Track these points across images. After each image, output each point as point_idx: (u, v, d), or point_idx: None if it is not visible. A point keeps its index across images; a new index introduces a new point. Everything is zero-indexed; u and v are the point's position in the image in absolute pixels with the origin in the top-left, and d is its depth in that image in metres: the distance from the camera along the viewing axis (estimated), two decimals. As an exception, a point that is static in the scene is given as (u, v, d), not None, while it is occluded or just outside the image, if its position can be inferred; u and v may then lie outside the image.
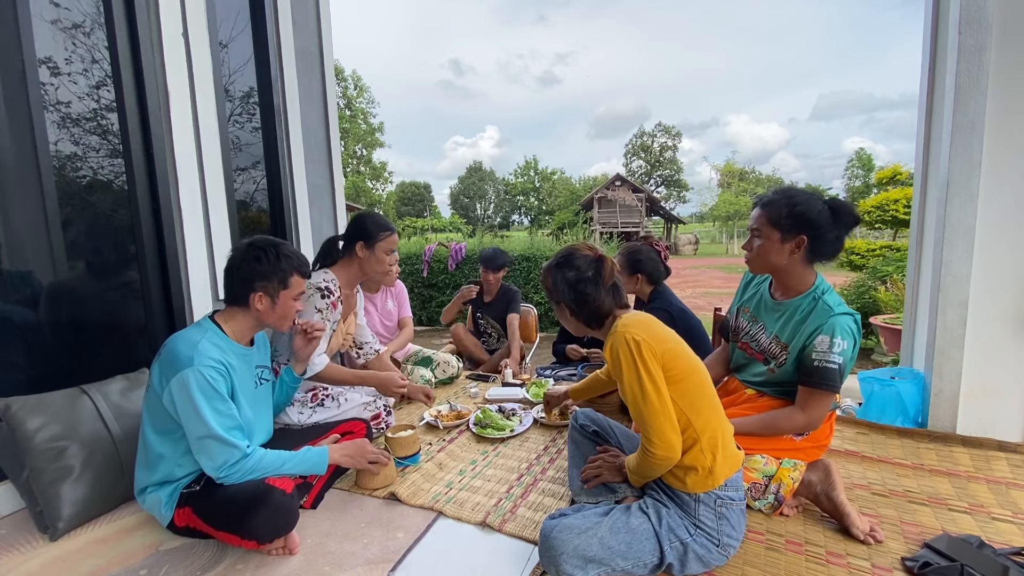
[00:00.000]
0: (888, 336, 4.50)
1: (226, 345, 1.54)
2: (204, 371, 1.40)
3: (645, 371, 1.26)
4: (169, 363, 1.43)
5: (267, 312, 1.57)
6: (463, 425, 2.36)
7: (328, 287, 2.03)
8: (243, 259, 1.54)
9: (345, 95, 33.38)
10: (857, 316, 1.56)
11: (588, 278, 1.39)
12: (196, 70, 2.31)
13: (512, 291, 3.43)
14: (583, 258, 1.42)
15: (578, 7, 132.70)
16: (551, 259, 1.48)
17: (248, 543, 1.40)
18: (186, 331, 1.52)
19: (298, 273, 1.60)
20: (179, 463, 1.49)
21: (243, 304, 1.56)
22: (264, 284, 1.54)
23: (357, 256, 2.13)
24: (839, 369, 1.50)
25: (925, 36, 2.37)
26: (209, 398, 1.40)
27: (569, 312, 1.45)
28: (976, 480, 1.80)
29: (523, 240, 9.03)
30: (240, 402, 1.53)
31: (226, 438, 1.39)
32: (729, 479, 1.31)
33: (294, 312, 1.63)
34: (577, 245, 1.48)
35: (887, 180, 8.43)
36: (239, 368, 1.55)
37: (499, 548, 1.48)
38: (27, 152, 1.86)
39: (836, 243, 1.57)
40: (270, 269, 1.54)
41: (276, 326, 1.64)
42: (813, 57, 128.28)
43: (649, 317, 1.38)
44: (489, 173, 55.29)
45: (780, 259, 1.60)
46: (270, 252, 1.54)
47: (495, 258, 3.32)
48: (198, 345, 1.44)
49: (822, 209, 1.55)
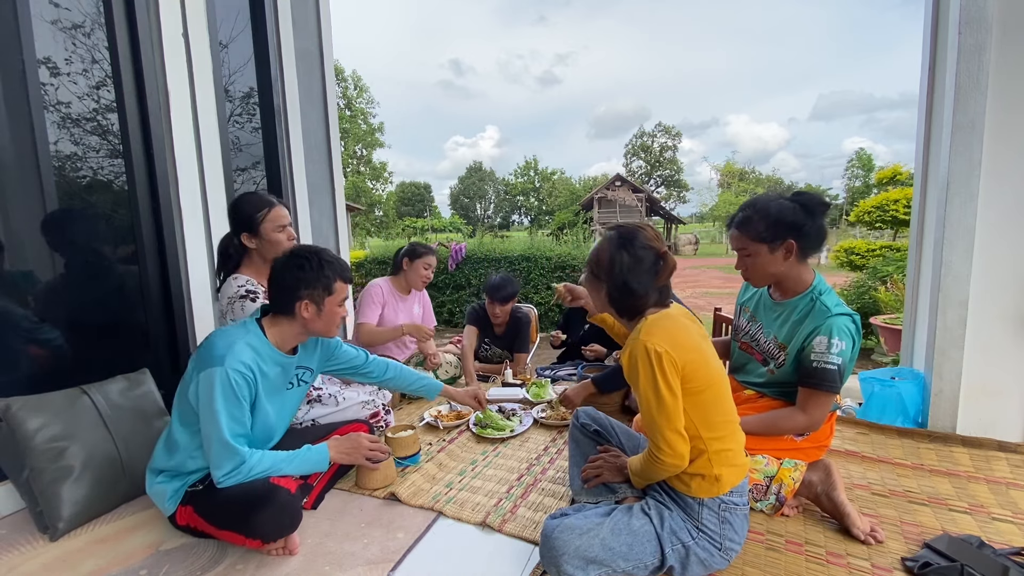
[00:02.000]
0: (888, 336, 4.50)
1: (265, 350, 1.53)
2: (231, 373, 1.41)
3: (664, 383, 1.21)
4: (204, 356, 1.45)
5: (313, 319, 1.55)
6: (463, 425, 2.36)
7: (248, 288, 1.89)
8: (285, 268, 1.53)
9: (345, 95, 33.36)
10: (856, 316, 1.56)
11: (644, 271, 1.30)
12: (196, 70, 2.31)
13: (522, 322, 3.13)
14: (647, 250, 1.31)
15: (578, 7, 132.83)
16: (612, 232, 1.36)
17: (251, 542, 1.40)
18: (229, 328, 1.54)
19: (341, 278, 1.59)
20: (192, 455, 1.50)
21: (289, 313, 1.55)
22: (309, 292, 1.53)
23: (249, 248, 1.95)
24: (838, 370, 1.50)
25: (925, 36, 2.37)
26: (228, 401, 1.40)
27: (606, 295, 1.36)
28: (976, 480, 1.80)
29: (523, 240, 9.04)
30: (263, 407, 1.54)
31: (230, 443, 1.39)
32: (735, 486, 1.30)
33: (339, 318, 1.62)
34: (644, 229, 1.35)
35: (887, 180, 8.43)
36: (271, 375, 1.55)
37: (499, 548, 1.48)
38: (27, 152, 1.86)
39: (819, 234, 1.58)
40: (314, 276, 1.53)
41: (323, 333, 1.63)
42: (813, 57, 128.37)
43: (676, 320, 1.31)
44: (489, 173, 55.30)
45: (777, 268, 1.60)
46: (312, 260, 1.54)
47: (502, 288, 2.96)
48: (234, 346, 1.45)
49: (795, 207, 1.56)
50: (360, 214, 32.05)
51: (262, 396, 1.52)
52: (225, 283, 1.93)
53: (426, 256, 2.91)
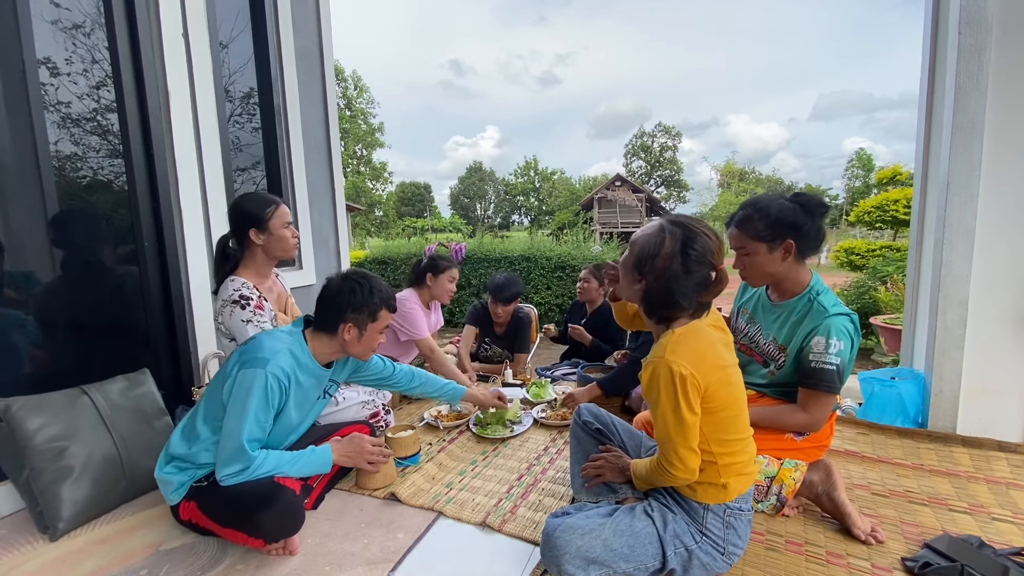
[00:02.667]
0: (888, 336, 4.50)
1: (305, 360, 1.58)
2: (270, 378, 1.44)
3: (685, 405, 1.17)
4: (249, 355, 1.48)
5: (353, 343, 1.61)
6: (463, 425, 2.36)
7: (242, 294, 1.90)
8: (339, 291, 1.59)
9: (345, 95, 33.37)
10: (854, 316, 1.56)
11: (694, 283, 1.20)
12: (196, 70, 2.31)
13: (523, 322, 3.15)
14: (704, 264, 1.20)
15: (578, 8, 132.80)
16: (674, 225, 1.23)
17: (254, 541, 1.40)
18: (277, 331, 1.60)
19: (386, 307, 1.65)
20: (208, 448, 1.51)
21: (331, 331, 1.60)
22: (355, 316, 1.58)
23: (254, 244, 1.97)
24: (837, 370, 1.50)
25: (925, 36, 2.37)
26: (259, 404, 1.43)
27: (643, 292, 1.26)
28: (976, 480, 1.80)
29: (523, 240, 9.03)
30: (288, 413, 1.57)
31: (244, 447, 1.41)
32: (741, 494, 1.29)
33: (377, 344, 1.68)
34: (709, 237, 1.22)
35: (887, 180, 8.42)
36: (306, 384, 1.60)
37: (499, 548, 1.48)
38: (27, 152, 1.86)
39: (818, 235, 1.59)
40: (362, 301, 1.59)
41: (359, 355, 1.68)
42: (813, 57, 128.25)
43: (703, 336, 1.23)
44: (489, 173, 55.29)
45: (775, 267, 1.61)
46: (364, 285, 1.60)
47: (506, 288, 2.98)
48: (279, 352, 1.49)
49: (795, 207, 1.57)
50: (360, 214, 32.07)
51: (291, 404, 1.55)
52: (222, 285, 1.94)
53: (450, 270, 2.85)
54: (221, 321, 1.90)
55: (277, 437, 1.59)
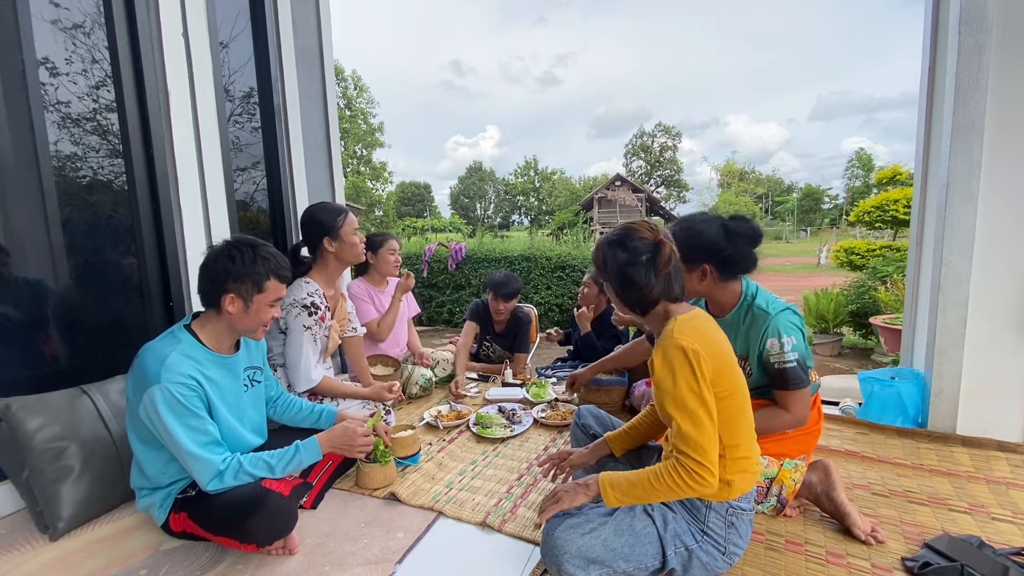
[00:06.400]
0: (888, 336, 4.50)
1: (202, 355, 1.47)
2: (172, 388, 1.34)
3: (704, 383, 1.16)
4: (138, 376, 1.39)
5: (239, 316, 1.48)
6: (463, 425, 2.36)
7: (314, 302, 1.94)
8: (217, 257, 1.46)
9: (345, 95, 33.35)
10: (794, 307, 1.62)
11: (641, 263, 1.27)
12: (196, 70, 2.30)
13: (523, 322, 3.15)
14: (640, 240, 1.29)
15: (578, 8, 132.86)
16: (608, 233, 1.36)
17: (247, 546, 1.40)
18: (157, 342, 1.45)
19: (276, 277, 1.51)
20: (163, 471, 1.47)
21: (215, 306, 1.48)
22: (236, 286, 1.45)
23: (328, 252, 2.09)
24: (798, 364, 1.55)
25: (925, 36, 2.37)
26: (179, 415, 1.35)
27: (615, 293, 1.36)
28: (976, 480, 1.80)
29: (523, 240, 9.04)
30: (220, 413, 1.48)
31: (199, 455, 1.35)
32: (745, 493, 1.29)
33: (269, 320, 1.54)
34: (637, 224, 1.34)
35: (887, 180, 8.43)
36: (219, 378, 1.50)
37: (499, 548, 1.48)
38: (27, 152, 1.86)
39: (743, 260, 1.61)
40: (244, 270, 1.45)
41: (247, 332, 1.54)
42: (813, 57, 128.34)
43: (705, 322, 1.29)
44: (489, 173, 55.31)
45: (694, 286, 1.65)
46: (247, 252, 1.46)
47: (506, 284, 3.00)
48: (166, 360, 1.37)
49: (716, 233, 1.58)
50: (360, 214, 32.04)
51: (217, 403, 1.47)
52: (295, 283, 1.96)
53: (387, 242, 2.84)
54: (284, 321, 1.90)
55: (233, 442, 1.52)
